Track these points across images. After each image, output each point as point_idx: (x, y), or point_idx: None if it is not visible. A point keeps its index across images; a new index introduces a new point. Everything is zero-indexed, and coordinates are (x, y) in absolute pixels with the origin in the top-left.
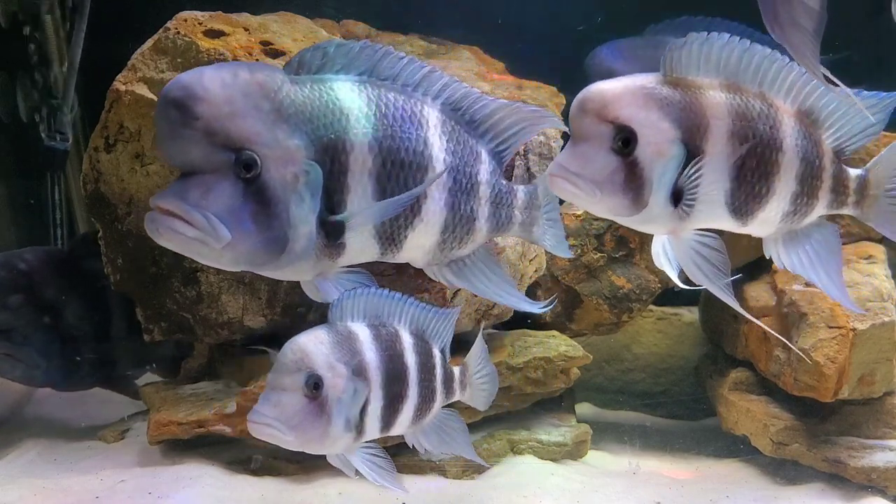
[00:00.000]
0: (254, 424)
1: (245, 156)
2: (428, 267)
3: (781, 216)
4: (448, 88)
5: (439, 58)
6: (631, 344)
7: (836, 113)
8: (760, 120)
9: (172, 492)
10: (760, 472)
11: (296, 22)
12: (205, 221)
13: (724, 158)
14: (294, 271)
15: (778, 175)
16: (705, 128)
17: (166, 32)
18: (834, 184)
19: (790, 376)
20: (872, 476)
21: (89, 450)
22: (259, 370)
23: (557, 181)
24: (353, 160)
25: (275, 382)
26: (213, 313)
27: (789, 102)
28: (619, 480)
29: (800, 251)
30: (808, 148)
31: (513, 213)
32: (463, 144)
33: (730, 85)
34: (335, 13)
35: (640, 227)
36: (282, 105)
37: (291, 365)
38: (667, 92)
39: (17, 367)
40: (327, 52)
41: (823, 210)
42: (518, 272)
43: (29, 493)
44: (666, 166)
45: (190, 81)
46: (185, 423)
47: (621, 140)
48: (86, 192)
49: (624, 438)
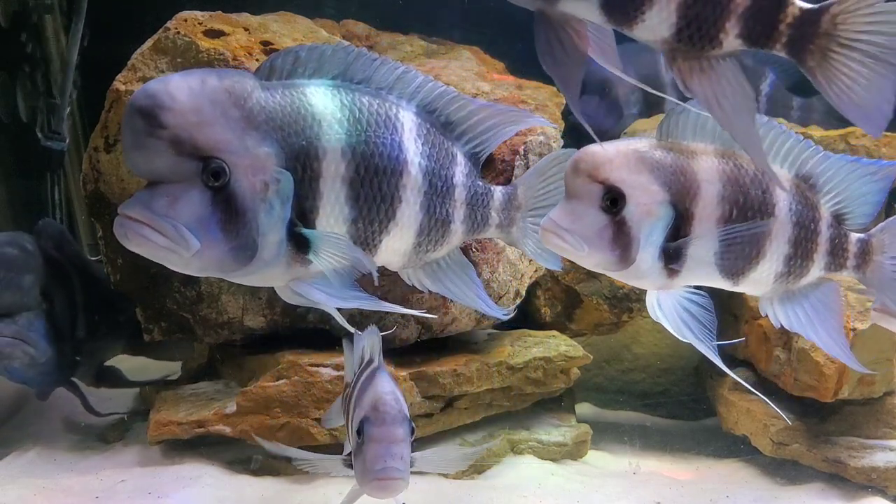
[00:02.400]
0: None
1: (213, 165)
2: (403, 270)
3: (775, 277)
4: (423, 89)
5: (439, 58)
6: (631, 344)
7: (835, 178)
8: (752, 185)
9: (172, 492)
10: (760, 472)
11: (296, 22)
12: (174, 231)
13: (714, 221)
14: (264, 278)
15: (769, 238)
16: (695, 191)
17: (166, 32)
18: (832, 247)
19: (790, 376)
20: (872, 476)
21: (89, 450)
22: (259, 370)
23: (548, 235)
24: (326, 166)
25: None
26: (213, 313)
27: (786, 168)
28: (619, 480)
29: (797, 310)
30: (804, 212)
31: (489, 214)
32: (438, 147)
33: (724, 151)
34: (335, 13)
35: (630, 282)
36: (252, 112)
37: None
38: (658, 155)
39: (26, 356)
40: (298, 56)
41: (821, 272)
42: (518, 272)
43: (29, 493)
44: (653, 226)
45: (156, 90)
46: (185, 423)
47: (609, 199)
48: (86, 192)
49: (624, 438)
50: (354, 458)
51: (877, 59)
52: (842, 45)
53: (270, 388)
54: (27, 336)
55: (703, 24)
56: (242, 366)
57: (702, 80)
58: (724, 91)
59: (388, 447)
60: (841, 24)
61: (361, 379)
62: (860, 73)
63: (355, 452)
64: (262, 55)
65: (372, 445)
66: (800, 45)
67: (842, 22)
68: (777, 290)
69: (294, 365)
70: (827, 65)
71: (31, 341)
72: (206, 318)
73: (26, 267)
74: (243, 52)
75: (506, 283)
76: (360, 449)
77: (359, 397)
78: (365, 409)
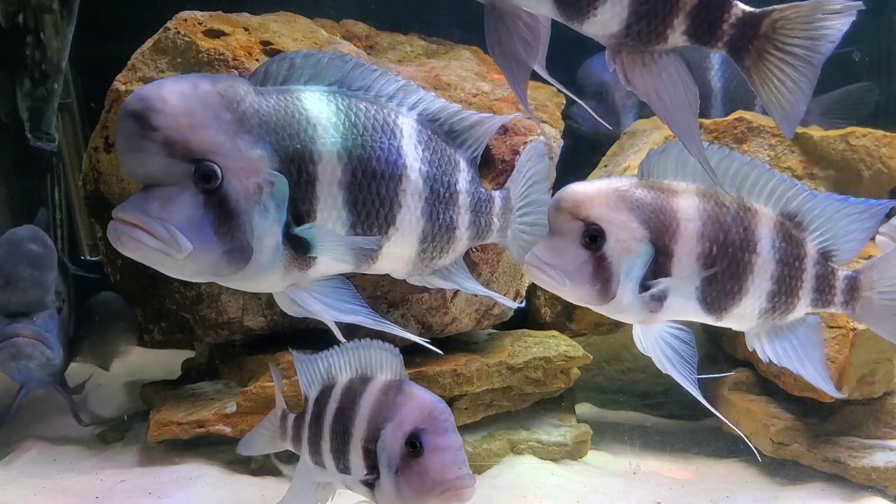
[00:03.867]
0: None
1: (205, 167)
2: (410, 278)
3: (759, 313)
4: (424, 101)
5: (439, 58)
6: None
7: (821, 217)
8: (734, 223)
9: (172, 492)
10: (760, 472)
11: (296, 22)
12: (166, 233)
13: (694, 258)
14: (262, 283)
15: (751, 275)
16: (674, 229)
17: (166, 32)
18: (818, 284)
19: (790, 376)
20: (872, 476)
21: (89, 450)
22: (259, 370)
23: (532, 269)
24: (322, 170)
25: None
26: (213, 313)
27: (770, 206)
28: (619, 480)
29: (785, 345)
30: (788, 250)
31: (492, 220)
32: (440, 154)
33: (705, 190)
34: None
35: (613, 316)
36: (244, 115)
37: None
38: (638, 194)
39: (43, 356)
40: (294, 63)
41: (808, 308)
42: (518, 272)
43: (29, 493)
44: (633, 263)
45: (148, 93)
46: (185, 423)
47: (589, 236)
48: (86, 192)
49: (624, 438)
50: (398, 474)
51: (802, 60)
52: (777, 47)
53: (270, 388)
54: (45, 337)
55: (653, 21)
56: (242, 366)
57: (643, 73)
58: (665, 85)
59: (455, 454)
60: (780, 28)
61: (359, 393)
62: (787, 75)
63: (401, 467)
64: (262, 55)
65: (438, 455)
66: (739, 45)
67: (781, 27)
68: (763, 325)
69: (294, 365)
70: (762, 65)
71: (48, 343)
72: (205, 318)
73: (49, 264)
74: (243, 51)
75: (506, 284)
76: (412, 462)
77: (379, 411)
78: (411, 420)
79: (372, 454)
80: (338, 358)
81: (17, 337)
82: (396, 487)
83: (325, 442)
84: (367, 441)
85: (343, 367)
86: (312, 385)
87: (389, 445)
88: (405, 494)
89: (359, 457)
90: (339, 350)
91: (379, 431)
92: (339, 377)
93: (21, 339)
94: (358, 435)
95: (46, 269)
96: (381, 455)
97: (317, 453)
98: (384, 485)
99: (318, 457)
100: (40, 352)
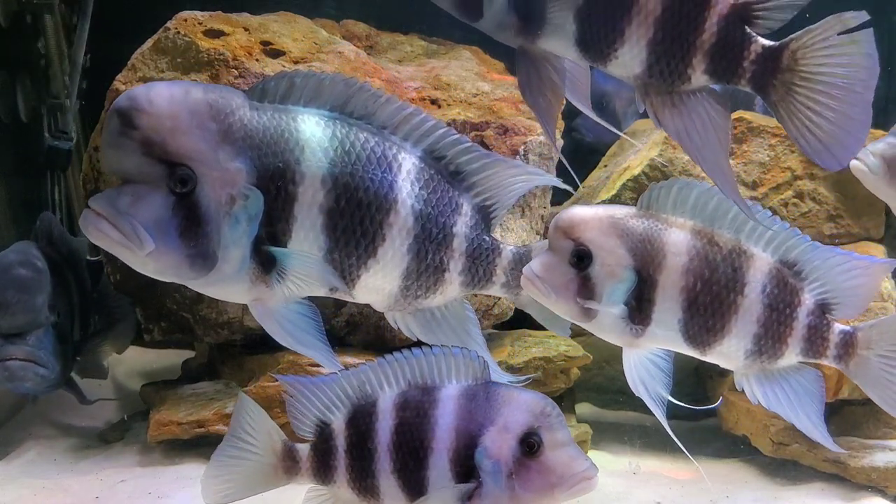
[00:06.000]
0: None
1: (180, 171)
2: (389, 312)
3: (745, 354)
4: (433, 134)
5: (439, 58)
6: None
7: (822, 269)
8: (723, 262)
9: (172, 492)
10: (760, 472)
11: (296, 22)
12: (130, 229)
13: (678, 291)
14: (225, 292)
15: (735, 315)
16: (660, 260)
17: (166, 32)
18: (809, 334)
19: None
20: (872, 476)
21: (89, 450)
22: (259, 370)
23: (525, 281)
24: (303, 191)
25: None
26: (213, 313)
27: (769, 252)
28: (619, 480)
29: (776, 390)
30: (780, 296)
31: (493, 271)
32: (440, 194)
33: (701, 228)
34: (335, 13)
35: (597, 334)
36: (230, 128)
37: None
38: (632, 224)
39: (37, 377)
40: (294, 82)
41: (798, 357)
42: None
43: (29, 493)
44: (615, 287)
45: (137, 94)
46: (185, 423)
47: (577, 256)
48: (86, 192)
49: (624, 438)
50: (513, 478)
51: (840, 89)
52: (804, 78)
53: (270, 388)
54: (38, 357)
55: (672, 61)
56: (242, 366)
57: (673, 114)
58: (695, 125)
59: (575, 446)
60: (801, 59)
61: (428, 405)
62: (825, 105)
63: (516, 470)
64: (262, 55)
65: (560, 450)
66: (764, 81)
67: (801, 57)
68: (751, 367)
69: (294, 365)
70: (790, 99)
71: (41, 361)
72: (206, 318)
73: (38, 287)
74: (243, 51)
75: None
76: (529, 462)
77: (471, 418)
78: (522, 421)
79: (465, 465)
80: (374, 373)
81: (10, 360)
82: (512, 490)
83: (381, 464)
84: (458, 452)
85: (383, 382)
86: (335, 408)
87: (496, 451)
88: (522, 496)
89: (445, 470)
90: (375, 365)
91: (476, 439)
92: (377, 393)
93: (13, 362)
94: (441, 448)
95: (35, 292)
96: (482, 463)
97: (365, 478)
98: (492, 493)
99: (369, 481)
100: (33, 373)
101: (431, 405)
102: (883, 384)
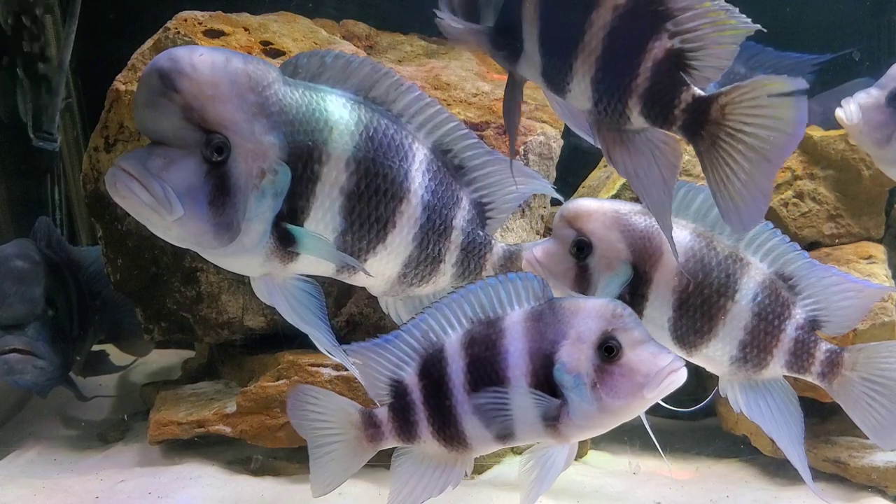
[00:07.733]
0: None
1: (216, 139)
2: (383, 297)
3: (730, 360)
4: (444, 127)
5: (439, 58)
6: None
7: (816, 286)
8: (717, 268)
9: (172, 492)
10: (760, 472)
11: (296, 22)
12: (161, 192)
13: (671, 290)
14: (240, 264)
15: (723, 320)
16: (657, 258)
17: (166, 32)
18: (796, 348)
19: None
20: (872, 476)
21: (89, 450)
22: (259, 370)
23: (525, 263)
24: (327, 171)
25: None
26: (213, 313)
27: (766, 263)
28: (619, 480)
29: (760, 402)
30: (770, 307)
31: (482, 266)
32: (444, 186)
33: (702, 231)
34: (335, 13)
35: None
36: (267, 101)
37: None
38: (635, 220)
39: (36, 369)
40: (325, 61)
41: (783, 369)
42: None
43: (29, 493)
44: (611, 280)
45: (180, 55)
46: (185, 423)
47: (577, 246)
48: (86, 192)
49: (624, 438)
50: (596, 387)
51: (756, 152)
52: (729, 134)
53: (270, 388)
54: (37, 348)
55: (611, 101)
56: (242, 366)
57: (622, 151)
58: (641, 164)
59: (654, 342)
60: (729, 113)
61: (495, 336)
62: (740, 166)
63: (598, 378)
64: (262, 55)
65: (641, 348)
66: (693, 130)
67: (729, 112)
68: (736, 374)
69: (294, 365)
70: (714, 151)
71: (40, 353)
72: (206, 318)
73: (35, 279)
74: (243, 51)
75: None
76: (610, 367)
77: (541, 338)
78: (594, 328)
79: (547, 386)
80: (434, 320)
81: (9, 354)
82: (599, 401)
83: (461, 407)
84: (537, 375)
85: (446, 327)
86: (404, 364)
87: (574, 363)
88: (611, 404)
89: (526, 396)
90: (433, 310)
91: (552, 357)
92: (442, 339)
93: (11, 356)
94: (518, 375)
95: (33, 283)
96: (562, 379)
97: (449, 426)
98: (578, 407)
99: (453, 429)
100: (32, 365)
101: (499, 335)
102: (863, 407)
